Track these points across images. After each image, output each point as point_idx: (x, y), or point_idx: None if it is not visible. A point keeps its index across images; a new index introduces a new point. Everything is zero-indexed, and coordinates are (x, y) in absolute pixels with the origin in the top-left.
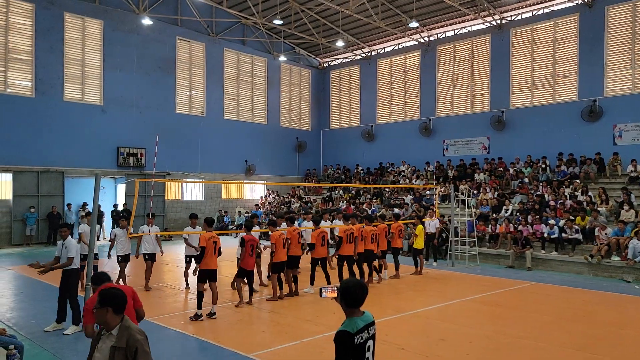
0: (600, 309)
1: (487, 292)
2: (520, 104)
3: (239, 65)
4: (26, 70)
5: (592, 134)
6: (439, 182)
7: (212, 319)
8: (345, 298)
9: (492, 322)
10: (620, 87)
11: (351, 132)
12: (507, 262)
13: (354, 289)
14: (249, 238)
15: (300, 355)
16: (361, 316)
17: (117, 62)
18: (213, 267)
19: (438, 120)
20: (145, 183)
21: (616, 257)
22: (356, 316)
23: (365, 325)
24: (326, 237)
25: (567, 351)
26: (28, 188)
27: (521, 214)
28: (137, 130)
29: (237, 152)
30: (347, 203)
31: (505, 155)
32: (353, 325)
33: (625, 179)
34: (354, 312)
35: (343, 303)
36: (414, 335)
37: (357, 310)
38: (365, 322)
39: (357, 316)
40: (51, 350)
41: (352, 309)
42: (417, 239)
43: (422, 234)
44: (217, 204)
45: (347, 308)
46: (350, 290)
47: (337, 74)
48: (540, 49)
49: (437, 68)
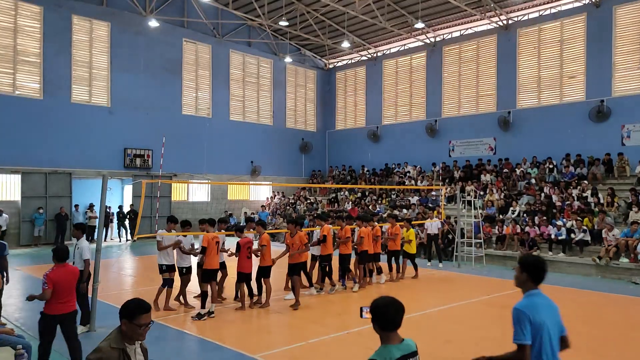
0: (609, 311)
1: (493, 294)
2: (527, 105)
3: (245, 67)
4: (34, 73)
5: (600, 134)
6: (444, 183)
7: (211, 317)
8: (376, 319)
9: (498, 324)
10: (629, 87)
11: (357, 133)
12: (514, 264)
13: (385, 308)
14: (244, 242)
15: (305, 357)
16: (399, 344)
17: (124, 64)
18: (216, 267)
19: (444, 121)
20: (151, 184)
21: (625, 259)
22: (392, 343)
23: (402, 357)
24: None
25: (576, 353)
26: (36, 189)
27: (528, 215)
28: (144, 131)
29: (243, 153)
30: (353, 204)
31: (512, 156)
32: (387, 354)
33: (633, 179)
34: (390, 338)
35: (375, 325)
36: (420, 337)
37: (393, 335)
38: (403, 351)
39: (393, 343)
40: (59, 350)
41: (386, 332)
42: (409, 243)
43: (414, 238)
44: (223, 205)
45: (381, 332)
46: (380, 309)
47: (342, 75)
48: (547, 49)
49: (443, 69)
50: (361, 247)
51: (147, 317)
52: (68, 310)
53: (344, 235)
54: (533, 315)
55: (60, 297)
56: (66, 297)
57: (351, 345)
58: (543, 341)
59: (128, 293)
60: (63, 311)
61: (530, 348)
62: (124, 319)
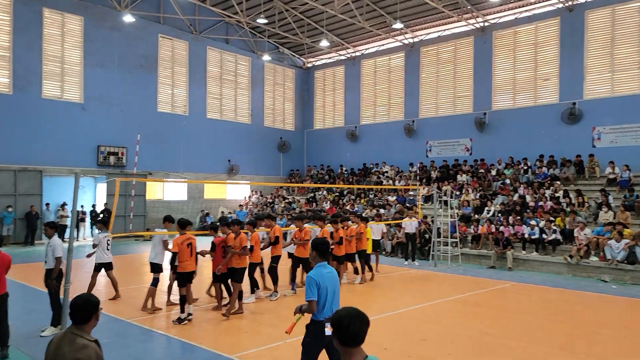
0: (579, 308)
1: (468, 292)
2: (502, 106)
3: (222, 64)
4: (3, 67)
5: (572, 136)
6: (422, 183)
7: (189, 319)
8: (337, 332)
9: (473, 322)
10: (600, 90)
11: (335, 133)
12: (489, 263)
13: (348, 320)
14: (218, 240)
15: (283, 356)
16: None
17: (98, 59)
18: (192, 269)
19: (421, 121)
20: (126, 182)
21: (595, 258)
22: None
23: None
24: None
25: (547, 350)
26: (5, 187)
27: (502, 215)
28: (118, 128)
29: (220, 151)
30: (331, 204)
31: (487, 156)
32: None
33: (603, 180)
34: (351, 354)
35: (336, 341)
36: (397, 336)
37: (355, 351)
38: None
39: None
40: (30, 354)
41: (347, 348)
42: (365, 242)
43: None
44: (199, 204)
45: (342, 347)
46: (342, 322)
47: (321, 74)
48: (522, 51)
49: (421, 69)
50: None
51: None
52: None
53: (302, 237)
54: (319, 281)
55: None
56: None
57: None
58: (327, 298)
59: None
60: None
61: (316, 302)
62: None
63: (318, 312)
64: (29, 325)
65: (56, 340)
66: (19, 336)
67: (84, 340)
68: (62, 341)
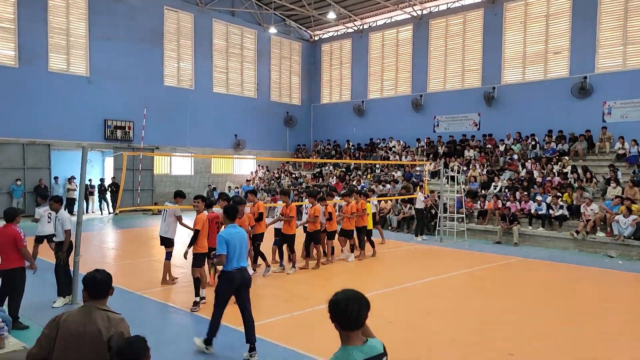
0: (585, 283)
1: (474, 267)
2: (512, 80)
3: (228, 37)
4: (9, 39)
5: (582, 111)
6: (429, 159)
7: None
8: (334, 316)
9: (479, 297)
10: (611, 63)
11: (342, 107)
12: (495, 238)
13: (345, 303)
14: (212, 216)
15: (289, 329)
16: (361, 345)
17: (103, 32)
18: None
19: (429, 96)
20: (133, 157)
21: (601, 233)
22: (353, 344)
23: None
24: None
25: (553, 324)
26: (14, 160)
27: (509, 191)
28: (125, 102)
29: (226, 126)
30: (337, 179)
31: (496, 131)
32: (346, 357)
33: (612, 156)
34: (350, 338)
35: (335, 324)
36: (402, 309)
37: (354, 335)
38: (366, 354)
39: (355, 344)
40: (40, 324)
41: (346, 332)
42: (366, 218)
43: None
44: (206, 178)
45: (340, 331)
46: (339, 304)
47: (328, 48)
48: (533, 24)
49: (430, 43)
50: (312, 226)
51: None
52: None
53: (288, 213)
54: (228, 238)
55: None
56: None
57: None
58: (235, 253)
59: (110, 266)
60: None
61: (225, 256)
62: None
63: (227, 264)
64: (40, 297)
65: (76, 317)
66: (31, 308)
67: (117, 315)
68: (89, 318)
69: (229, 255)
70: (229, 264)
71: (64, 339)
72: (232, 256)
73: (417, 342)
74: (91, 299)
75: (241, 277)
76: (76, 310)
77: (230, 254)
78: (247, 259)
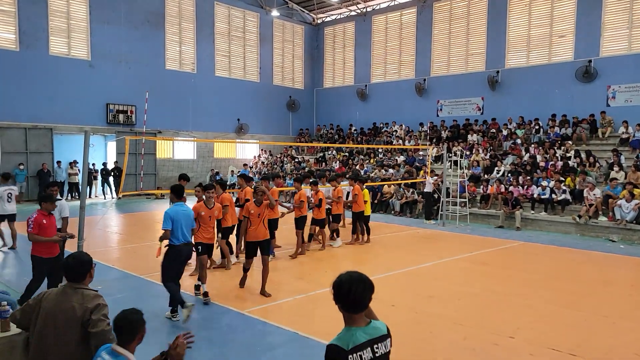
0: (587, 267)
1: (476, 251)
2: (516, 64)
3: (230, 20)
4: (9, 22)
5: (586, 95)
6: (432, 143)
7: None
8: (339, 298)
9: (480, 280)
10: (616, 47)
11: (345, 91)
12: (497, 222)
13: (349, 285)
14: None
15: (292, 312)
16: (365, 326)
17: (104, 15)
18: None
19: (432, 80)
20: (136, 141)
21: (603, 218)
22: (357, 325)
23: (368, 341)
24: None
25: (553, 307)
26: (16, 144)
27: (512, 175)
28: (127, 86)
29: (228, 110)
30: (340, 163)
31: (499, 116)
32: (349, 338)
33: (616, 140)
34: (354, 320)
35: (338, 305)
36: (404, 293)
37: (357, 316)
38: (369, 335)
39: (359, 325)
40: None
41: (349, 314)
42: (362, 204)
43: (369, 198)
44: (209, 163)
45: (344, 312)
46: (343, 287)
47: (331, 31)
48: (537, 7)
49: (433, 26)
50: (298, 212)
51: None
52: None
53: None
54: (173, 215)
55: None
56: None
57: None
58: (180, 230)
59: (114, 250)
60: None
61: (170, 231)
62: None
63: (174, 239)
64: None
65: (53, 296)
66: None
67: (92, 292)
68: (64, 296)
69: (173, 231)
70: (176, 239)
71: (42, 317)
72: (178, 232)
73: (420, 325)
74: (69, 280)
75: (187, 251)
76: (55, 289)
77: (175, 230)
78: (191, 235)
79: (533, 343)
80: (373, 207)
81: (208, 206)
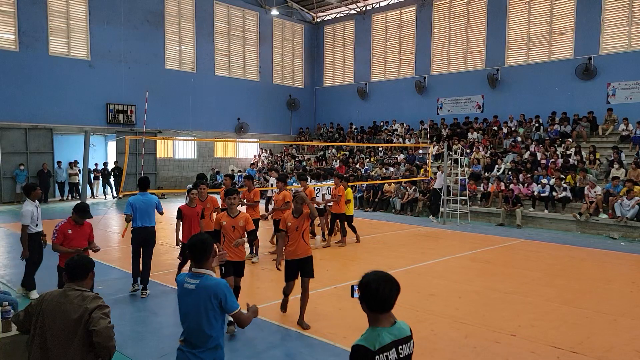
0: (587, 264)
1: (477, 249)
2: (516, 62)
3: (230, 20)
4: (8, 23)
5: (586, 92)
6: (432, 141)
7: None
8: (364, 297)
9: (481, 278)
10: (616, 44)
11: (345, 90)
12: (498, 220)
13: (376, 284)
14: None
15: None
16: (390, 327)
17: (104, 14)
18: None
19: (432, 78)
20: (136, 141)
21: (604, 215)
22: (382, 326)
23: (393, 342)
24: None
25: (554, 305)
26: (16, 145)
27: (512, 173)
28: (126, 86)
29: (228, 109)
30: (340, 162)
31: (500, 113)
32: (375, 338)
33: (616, 137)
34: (379, 320)
35: (364, 305)
36: (405, 290)
37: (383, 317)
38: (394, 336)
39: (384, 326)
40: None
41: (375, 314)
42: (347, 204)
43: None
44: (209, 162)
45: (369, 312)
46: (370, 286)
47: (331, 30)
48: (537, 4)
49: (433, 24)
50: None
51: None
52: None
53: (252, 199)
54: (133, 202)
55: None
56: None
57: (339, 298)
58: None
59: (114, 250)
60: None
61: (131, 216)
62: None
63: (134, 222)
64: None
65: (53, 297)
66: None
67: (92, 293)
68: (65, 297)
69: (134, 216)
70: (135, 222)
71: (42, 317)
72: (137, 217)
73: (421, 323)
74: (70, 280)
75: (145, 234)
76: (56, 290)
77: (135, 215)
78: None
79: (534, 341)
80: (374, 206)
81: (231, 215)
